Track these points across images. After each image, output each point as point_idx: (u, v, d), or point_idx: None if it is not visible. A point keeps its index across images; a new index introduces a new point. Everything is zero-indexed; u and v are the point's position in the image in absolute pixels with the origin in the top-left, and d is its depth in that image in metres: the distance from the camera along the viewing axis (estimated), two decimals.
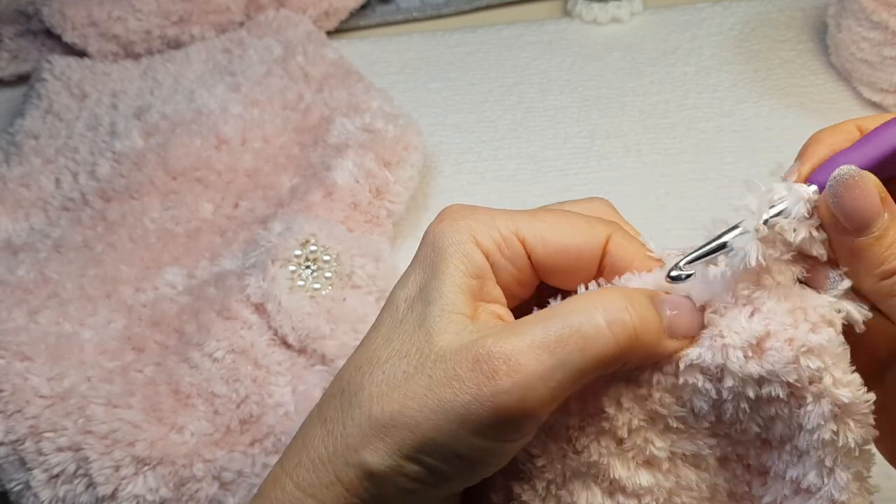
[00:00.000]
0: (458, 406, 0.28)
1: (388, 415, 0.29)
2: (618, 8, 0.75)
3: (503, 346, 0.28)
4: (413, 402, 0.29)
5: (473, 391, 0.28)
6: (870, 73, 0.63)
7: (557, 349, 0.28)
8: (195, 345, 0.50)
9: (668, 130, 0.65)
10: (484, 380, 0.27)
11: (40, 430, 0.46)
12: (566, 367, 0.28)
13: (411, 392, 0.29)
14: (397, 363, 0.30)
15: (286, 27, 0.72)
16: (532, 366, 0.27)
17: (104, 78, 0.71)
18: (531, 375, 0.27)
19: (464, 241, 0.30)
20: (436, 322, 0.29)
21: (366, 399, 0.29)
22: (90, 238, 0.58)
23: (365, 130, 0.60)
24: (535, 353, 0.28)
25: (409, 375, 0.29)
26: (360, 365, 0.31)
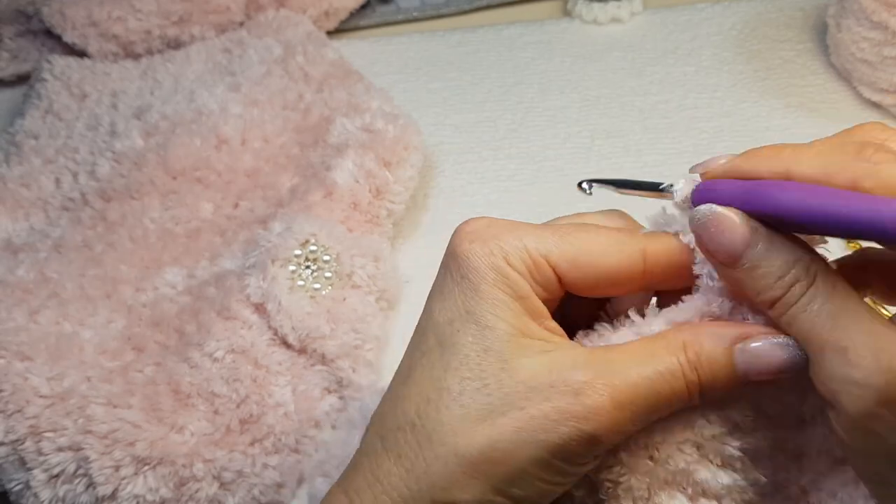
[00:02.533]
0: (557, 440, 0.28)
1: (477, 451, 0.28)
2: (618, 8, 0.75)
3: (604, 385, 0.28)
4: (504, 436, 0.28)
5: (575, 428, 0.28)
6: (870, 73, 0.63)
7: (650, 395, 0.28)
8: (195, 345, 0.50)
9: (668, 130, 0.65)
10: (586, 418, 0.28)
11: (40, 429, 0.46)
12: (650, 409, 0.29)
13: (500, 425, 0.28)
14: (475, 395, 0.29)
15: (286, 27, 0.72)
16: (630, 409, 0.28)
17: (104, 78, 0.71)
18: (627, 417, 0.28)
19: (500, 265, 0.30)
20: (505, 348, 0.29)
21: (449, 435, 0.29)
22: (90, 238, 0.58)
23: (365, 130, 0.60)
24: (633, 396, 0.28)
25: (496, 408, 0.29)
26: (428, 397, 0.30)
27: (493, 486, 0.29)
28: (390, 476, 0.30)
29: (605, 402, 0.28)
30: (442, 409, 0.29)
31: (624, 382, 0.28)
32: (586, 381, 0.28)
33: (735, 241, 0.27)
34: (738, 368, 0.29)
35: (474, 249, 0.30)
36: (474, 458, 0.28)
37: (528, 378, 0.29)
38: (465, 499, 0.29)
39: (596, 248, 0.30)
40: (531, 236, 0.30)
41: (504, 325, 0.29)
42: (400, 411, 0.30)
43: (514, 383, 0.29)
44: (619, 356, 0.29)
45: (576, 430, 0.28)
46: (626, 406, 0.28)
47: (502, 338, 0.29)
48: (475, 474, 0.29)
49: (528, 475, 0.29)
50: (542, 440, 0.28)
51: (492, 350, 0.29)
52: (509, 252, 0.30)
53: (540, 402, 0.28)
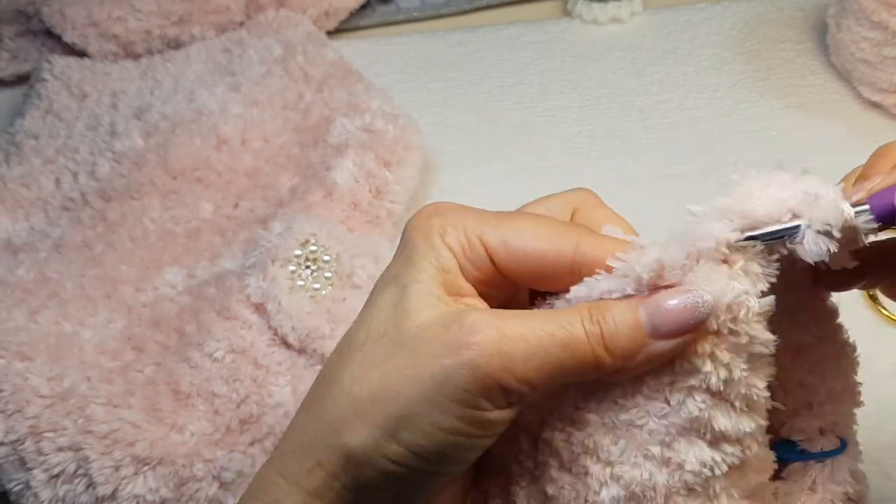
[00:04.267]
0: (438, 370, 0.28)
1: (367, 392, 0.29)
2: (618, 8, 0.75)
3: (491, 320, 0.28)
4: (392, 377, 0.29)
5: (453, 354, 0.28)
6: (870, 73, 0.63)
7: (543, 339, 0.28)
8: (195, 345, 0.50)
9: (668, 130, 0.65)
10: (466, 343, 0.28)
11: (40, 429, 0.46)
12: (548, 357, 0.28)
13: (391, 367, 0.29)
14: (376, 342, 0.30)
15: (286, 27, 0.72)
16: (516, 344, 0.28)
17: (104, 78, 0.71)
18: (514, 352, 0.28)
19: (433, 237, 0.31)
20: (412, 301, 0.30)
21: (346, 380, 0.30)
22: (90, 238, 0.58)
23: (365, 130, 0.60)
24: (521, 335, 0.28)
25: (390, 352, 0.29)
26: (340, 351, 0.31)
27: (381, 428, 0.28)
28: (296, 424, 0.31)
29: (493, 333, 0.28)
30: (345, 357, 0.30)
31: (513, 323, 0.28)
32: (478, 319, 0.28)
33: None
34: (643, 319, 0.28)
35: (417, 224, 0.31)
36: (364, 398, 0.29)
37: (424, 322, 0.29)
38: (355, 440, 0.29)
39: (528, 233, 0.30)
40: (472, 217, 0.31)
41: (419, 286, 0.30)
42: (320, 371, 0.32)
43: (410, 328, 0.29)
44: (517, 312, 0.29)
45: (455, 359, 0.28)
46: (510, 341, 0.28)
47: (412, 294, 0.30)
48: (365, 415, 0.29)
49: (417, 415, 0.28)
50: (427, 375, 0.28)
51: (400, 305, 0.30)
52: (447, 229, 0.31)
53: (430, 340, 0.28)
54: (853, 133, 0.63)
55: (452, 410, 0.28)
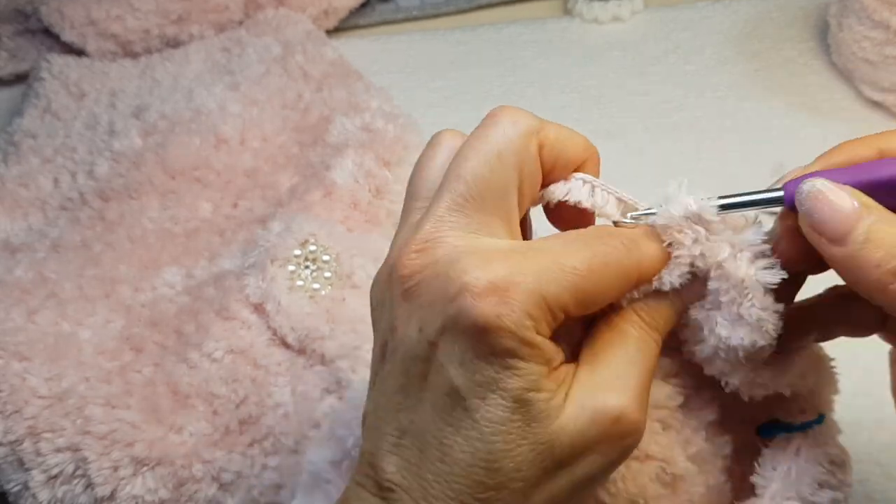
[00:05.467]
0: (608, 464, 0.29)
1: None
2: (618, 6, 0.74)
3: (629, 401, 0.29)
4: (560, 490, 0.29)
5: (619, 448, 0.29)
6: (871, 73, 0.62)
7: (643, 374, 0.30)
8: (194, 345, 0.50)
9: (668, 130, 0.65)
10: (629, 434, 0.29)
11: (39, 430, 0.46)
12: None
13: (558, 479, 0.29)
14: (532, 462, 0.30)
15: (285, 26, 0.72)
16: (645, 404, 0.30)
17: (102, 77, 0.70)
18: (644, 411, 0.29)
19: (528, 336, 0.27)
20: (551, 417, 0.29)
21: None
22: (89, 238, 0.58)
23: (364, 130, 0.59)
24: (642, 393, 0.30)
25: (548, 469, 0.29)
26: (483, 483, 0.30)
27: None
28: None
29: (637, 414, 0.29)
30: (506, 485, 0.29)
31: (634, 384, 0.29)
32: (620, 406, 0.29)
33: (848, 214, 0.27)
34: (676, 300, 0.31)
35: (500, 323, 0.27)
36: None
37: (571, 435, 0.29)
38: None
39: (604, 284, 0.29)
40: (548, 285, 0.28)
41: (543, 394, 0.28)
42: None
43: (562, 441, 0.29)
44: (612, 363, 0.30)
45: (624, 450, 0.29)
46: (643, 403, 0.29)
47: (545, 409, 0.28)
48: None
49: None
50: (597, 473, 0.29)
51: (537, 423, 0.28)
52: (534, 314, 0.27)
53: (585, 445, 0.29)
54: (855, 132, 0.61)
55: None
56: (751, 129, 0.64)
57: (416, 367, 0.28)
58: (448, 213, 0.29)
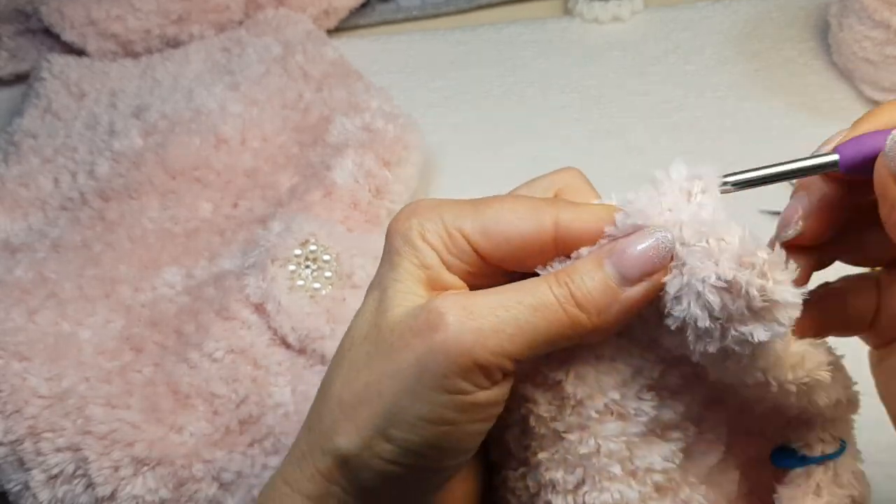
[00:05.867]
0: (413, 361, 0.28)
1: (353, 395, 0.29)
2: (619, 6, 0.74)
3: (454, 300, 0.28)
4: (374, 377, 0.29)
5: (426, 342, 0.28)
6: (872, 72, 0.62)
7: (511, 307, 0.28)
8: (194, 345, 0.50)
9: (669, 129, 0.65)
10: (433, 328, 0.28)
11: (39, 430, 0.46)
12: (520, 325, 0.28)
13: (373, 368, 0.29)
14: (360, 347, 0.30)
15: (285, 26, 0.72)
16: (485, 317, 0.28)
17: (103, 77, 0.70)
18: (484, 325, 0.28)
19: (412, 237, 0.30)
20: (390, 302, 0.30)
21: (336, 387, 0.30)
22: (89, 238, 0.58)
23: (365, 130, 0.59)
24: (489, 308, 0.28)
25: (370, 353, 0.29)
26: (332, 360, 0.32)
27: (371, 430, 0.29)
28: (299, 437, 0.32)
29: (459, 311, 0.28)
30: (335, 365, 0.31)
31: (483, 297, 0.28)
32: (443, 302, 0.28)
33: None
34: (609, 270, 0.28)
35: (396, 227, 0.31)
36: (352, 401, 0.29)
37: (397, 317, 0.29)
38: (345, 443, 0.29)
39: (506, 217, 0.30)
40: (449, 211, 0.31)
41: (398, 284, 0.30)
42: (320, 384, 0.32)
43: (386, 326, 0.29)
44: (484, 290, 0.29)
45: (427, 345, 0.28)
46: (478, 315, 0.28)
47: (390, 295, 0.30)
48: (353, 417, 0.29)
49: (404, 411, 0.28)
50: (404, 368, 0.28)
51: (380, 307, 0.30)
52: (426, 227, 0.30)
53: (402, 332, 0.29)
54: None
55: (435, 399, 0.28)
56: (751, 129, 0.64)
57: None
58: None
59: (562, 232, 0.30)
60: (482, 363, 0.28)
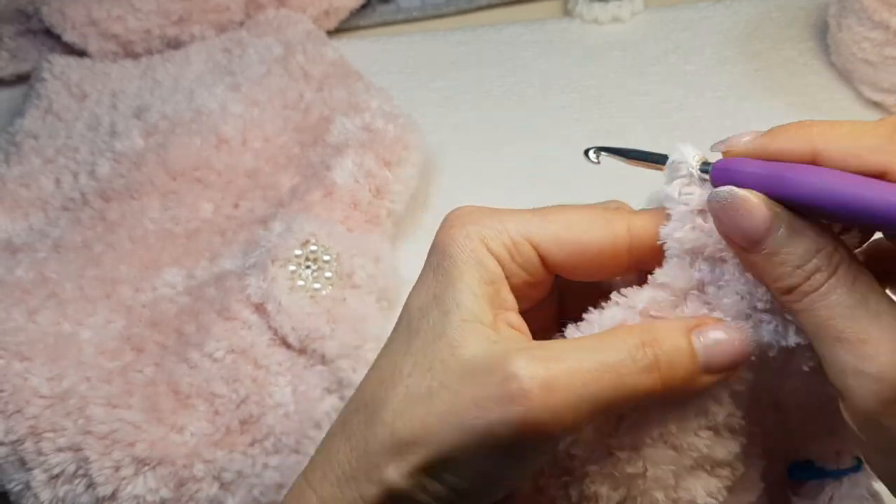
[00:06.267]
0: (484, 424, 0.27)
1: (410, 432, 0.28)
2: (619, 7, 0.74)
3: (537, 370, 0.27)
4: (435, 419, 0.28)
5: (500, 412, 0.27)
6: (871, 73, 0.62)
7: (590, 383, 0.27)
8: (195, 345, 0.50)
9: (669, 130, 0.65)
10: (514, 401, 0.27)
11: (40, 430, 0.46)
12: (597, 401, 0.27)
13: (435, 409, 0.28)
14: (420, 378, 0.29)
15: (286, 26, 0.72)
16: (563, 395, 0.27)
17: (104, 78, 0.71)
18: (561, 403, 0.27)
19: (476, 248, 0.29)
20: (457, 332, 0.29)
21: (389, 415, 0.29)
22: (90, 238, 0.58)
23: (365, 130, 0.60)
24: (568, 382, 0.27)
25: (434, 391, 0.28)
26: (383, 378, 0.30)
27: (423, 469, 0.28)
28: (339, 454, 0.30)
29: (535, 385, 0.27)
30: (389, 389, 0.29)
31: (560, 368, 0.27)
32: (519, 367, 0.27)
33: (756, 226, 0.27)
34: (700, 353, 0.28)
35: (453, 235, 0.30)
36: (408, 438, 0.28)
37: (468, 362, 0.28)
38: (397, 478, 0.28)
39: (578, 224, 0.30)
40: (512, 219, 0.30)
41: (462, 310, 0.29)
42: (360, 393, 0.31)
43: (455, 366, 0.28)
44: (565, 345, 0.29)
45: (501, 415, 0.27)
46: (558, 392, 0.27)
47: (455, 323, 0.29)
48: (407, 455, 0.28)
49: (460, 462, 0.28)
50: (469, 424, 0.27)
51: (445, 335, 0.29)
52: (488, 235, 0.30)
53: (473, 385, 0.28)
54: None
55: (496, 460, 0.28)
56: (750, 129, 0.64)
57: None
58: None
59: (636, 240, 0.30)
60: (558, 437, 0.28)
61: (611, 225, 0.30)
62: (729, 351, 0.28)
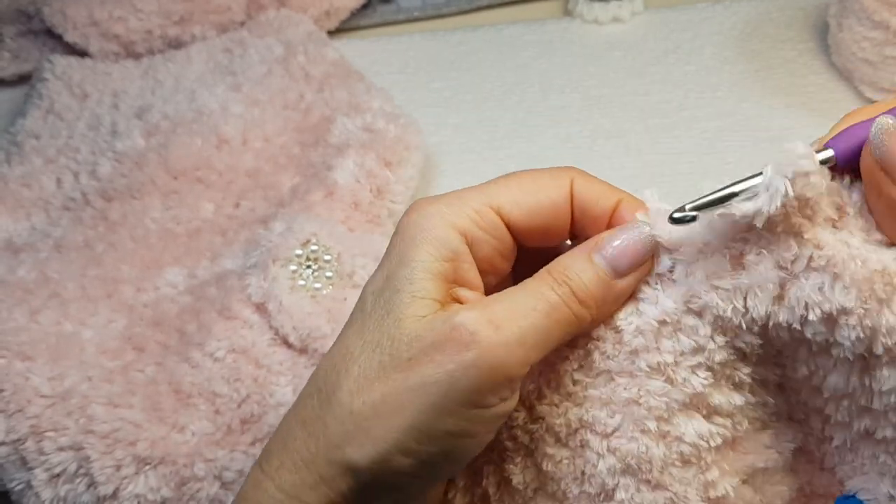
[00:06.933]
0: (442, 377, 0.28)
1: (369, 407, 0.29)
2: (619, 7, 0.74)
3: (479, 314, 0.28)
4: (391, 389, 0.28)
5: (456, 359, 0.28)
6: (871, 73, 0.62)
7: (528, 315, 0.29)
8: (196, 344, 0.50)
9: (669, 130, 0.65)
10: (465, 346, 0.28)
11: (41, 429, 0.46)
12: (537, 331, 0.29)
13: (389, 380, 0.29)
14: (371, 355, 0.29)
15: (287, 27, 0.72)
16: (509, 330, 0.28)
17: (105, 78, 0.71)
18: (510, 338, 0.28)
19: (435, 227, 0.30)
20: (405, 308, 0.29)
21: (345, 396, 0.29)
22: (91, 238, 0.58)
23: (366, 130, 0.60)
24: (510, 319, 0.28)
25: (385, 365, 0.29)
26: (335, 363, 0.30)
27: (390, 443, 0.28)
28: (295, 441, 0.30)
29: (481, 326, 0.28)
30: (342, 372, 0.30)
31: (498, 309, 0.29)
32: (468, 316, 0.28)
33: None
34: (603, 266, 0.30)
35: (411, 218, 0.31)
36: (367, 414, 0.29)
37: (414, 330, 0.29)
38: (359, 457, 0.29)
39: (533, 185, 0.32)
40: (471, 192, 0.32)
41: (415, 288, 0.30)
42: (313, 380, 0.31)
43: (402, 337, 0.29)
44: (495, 297, 0.30)
45: (458, 361, 0.28)
46: (503, 327, 0.28)
47: (406, 300, 0.29)
48: (368, 432, 0.29)
49: (424, 424, 0.28)
50: (428, 382, 0.28)
51: (394, 312, 0.29)
52: (448, 212, 0.31)
53: (423, 347, 0.28)
54: None
55: (463, 414, 0.28)
56: (750, 129, 0.64)
57: None
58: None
59: (578, 197, 0.31)
60: (512, 376, 0.28)
61: (558, 182, 0.31)
62: (629, 250, 0.30)
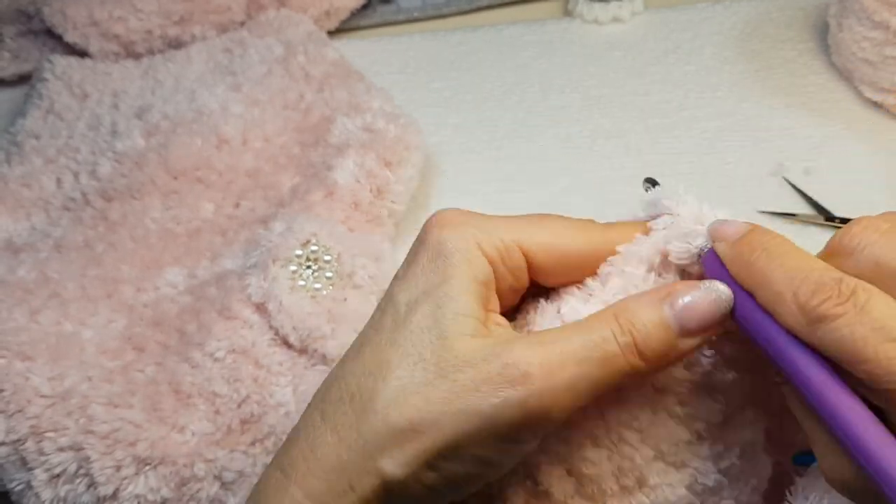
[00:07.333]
0: (486, 409, 0.28)
1: (407, 420, 0.29)
2: (619, 7, 0.74)
3: (533, 354, 0.28)
4: (434, 407, 0.28)
5: (502, 395, 0.28)
6: (871, 73, 0.62)
7: (583, 363, 0.28)
8: (196, 344, 0.50)
9: (669, 130, 0.65)
10: (513, 384, 0.28)
11: (41, 429, 0.46)
12: (589, 380, 0.28)
13: (433, 397, 0.28)
14: (413, 368, 0.29)
15: (287, 27, 0.72)
16: (560, 375, 0.28)
17: (105, 78, 0.71)
18: (560, 384, 0.28)
19: (470, 249, 0.30)
20: (450, 325, 0.29)
21: (381, 405, 0.29)
22: (91, 238, 0.58)
23: (366, 130, 0.60)
24: (563, 365, 0.28)
25: (429, 381, 0.29)
26: (370, 370, 0.30)
27: (421, 458, 0.28)
28: (324, 446, 0.30)
29: (535, 369, 0.28)
30: (380, 381, 0.30)
31: (554, 351, 0.28)
32: (518, 353, 0.28)
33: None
34: (671, 323, 0.29)
35: (447, 234, 0.31)
36: (403, 427, 0.29)
37: (463, 352, 0.29)
38: (392, 468, 0.29)
39: (564, 233, 0.31)
40: (503, 224, 0.31)
41: (459, 306, 0.30)
42: (343, 384, 0.31)
43: (450, 357, 0.29)
44: (552, 334, 0.29)
45: (505, 398, 0.28)
46: (556, 373, 0.28)
47: (448, 316, 0.29)
48: (403, 445, 0.29)
49: (460, 448, 0.28)
50: (472, 409, 0.28)
51: (436, 327, 0.29)
52: (482, 239, 0.31)
53: (471, 372, 0.28)
54: (854, 133, 0.63)
55: (496, 445, 0.29)
56: (750, 129, 0.64)
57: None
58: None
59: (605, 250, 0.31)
60: (554, 420, 0.29)
61: (589, 234, 0.31)
62: (702, 311, 0.29)
